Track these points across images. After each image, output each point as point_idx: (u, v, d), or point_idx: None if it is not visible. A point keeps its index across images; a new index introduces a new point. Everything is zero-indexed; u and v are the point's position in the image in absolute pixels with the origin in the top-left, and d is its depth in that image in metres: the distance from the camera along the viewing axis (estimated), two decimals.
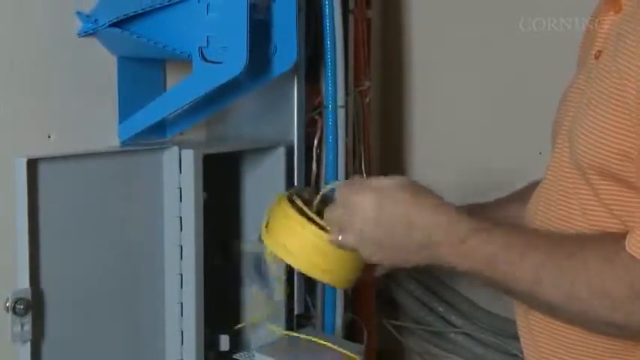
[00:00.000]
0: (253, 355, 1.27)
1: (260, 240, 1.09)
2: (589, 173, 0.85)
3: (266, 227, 1.05)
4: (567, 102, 0.95)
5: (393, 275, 1.06)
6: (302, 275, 1.39)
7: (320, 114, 1.44)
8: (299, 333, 1.39)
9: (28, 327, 1.10)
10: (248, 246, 1.42)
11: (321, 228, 1.00)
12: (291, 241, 1.03)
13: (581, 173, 0.87)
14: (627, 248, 0.79)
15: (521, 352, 0.99)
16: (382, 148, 1.86)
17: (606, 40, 0.88)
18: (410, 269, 1.11)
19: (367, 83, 1.57)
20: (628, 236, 0.79)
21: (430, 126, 1.87)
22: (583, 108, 0.87)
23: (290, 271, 1.37)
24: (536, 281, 0.83)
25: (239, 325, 1.41)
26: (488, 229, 0.87)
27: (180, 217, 1.26)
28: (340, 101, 1.42)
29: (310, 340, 1.33)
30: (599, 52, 0.88)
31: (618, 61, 0.81)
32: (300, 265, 1.05)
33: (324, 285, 1.44)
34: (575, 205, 0.88)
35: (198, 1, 1.17)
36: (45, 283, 1.12)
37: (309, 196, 1.09)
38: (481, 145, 1.77)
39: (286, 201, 1.05)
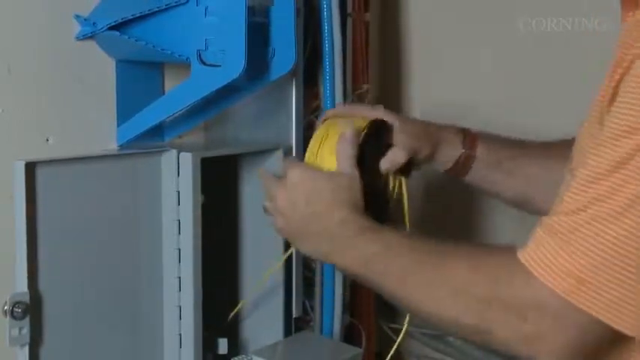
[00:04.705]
0: (251, 359, 1.26)
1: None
2: None
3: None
4: None
5: None
6: (301, 278, 1.39)
7: (318, 117, 1.44)
8: (297, 336, 1.39)
9: (26, 331, 1.10)
10: None
11: None
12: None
13: None
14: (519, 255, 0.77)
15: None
16: None
17: None
18: None
19: (365, 86, 1.56)
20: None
21: None
22: None
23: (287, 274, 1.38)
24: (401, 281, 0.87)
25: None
26: (375, 229, 0.93)
27: (179, 221, 1.26)
28: None
29: (308, 344, 1.33)
30: None
31: None
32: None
33: (322, 288, 1.43)
34: None
35: (197, 5, 1.17)
36: (43, 287, 1.12)
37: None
38: None
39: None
